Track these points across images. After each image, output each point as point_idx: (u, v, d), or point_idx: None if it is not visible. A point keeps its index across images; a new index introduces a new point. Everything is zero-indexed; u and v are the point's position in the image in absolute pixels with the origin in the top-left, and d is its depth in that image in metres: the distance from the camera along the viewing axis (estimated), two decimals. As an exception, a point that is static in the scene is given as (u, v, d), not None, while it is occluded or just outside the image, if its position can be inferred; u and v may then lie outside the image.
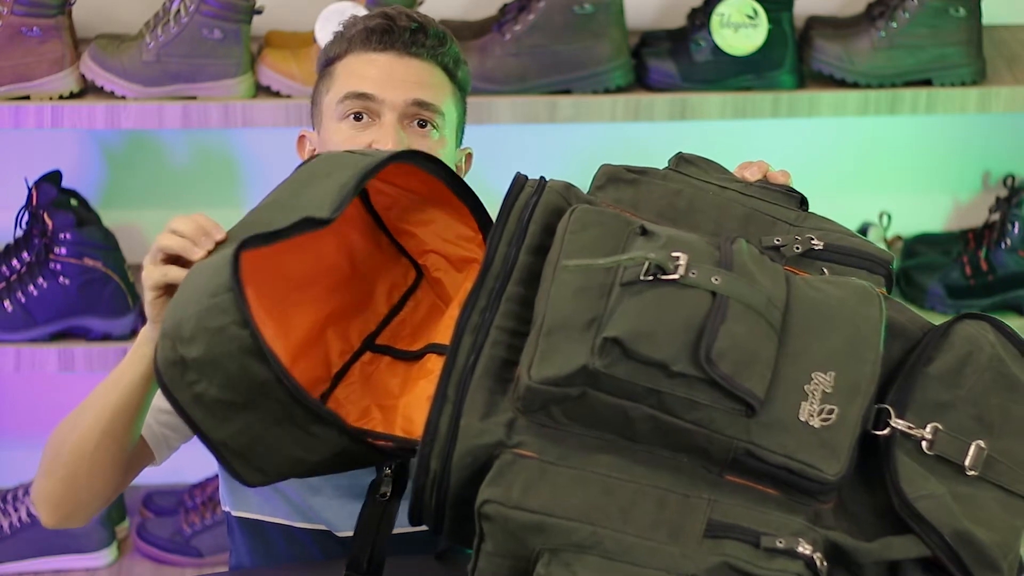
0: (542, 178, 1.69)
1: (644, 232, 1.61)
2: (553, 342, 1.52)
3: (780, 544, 1.50)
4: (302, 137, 2.18)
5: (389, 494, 1.81)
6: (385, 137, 2.03)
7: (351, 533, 1.84)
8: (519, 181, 1.68)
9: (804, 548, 1.50)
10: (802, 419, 1.52)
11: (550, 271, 1.58)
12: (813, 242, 1.70)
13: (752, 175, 1.80)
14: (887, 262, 1.71)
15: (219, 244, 1.72)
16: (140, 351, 1.84)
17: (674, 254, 1.55)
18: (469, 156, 2.19)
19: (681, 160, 1.78)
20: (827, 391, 1.54)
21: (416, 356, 1.90)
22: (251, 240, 1.65)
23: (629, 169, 1.74)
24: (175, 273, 1.73)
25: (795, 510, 1.53)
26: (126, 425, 1.88)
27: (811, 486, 1.53)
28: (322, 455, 1.64)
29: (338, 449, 1.64)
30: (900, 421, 1.58)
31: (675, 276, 1.54)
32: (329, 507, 2.03)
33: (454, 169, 1.91)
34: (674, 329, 1.51)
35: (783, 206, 1.75)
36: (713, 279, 1.54)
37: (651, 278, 1.54)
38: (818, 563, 1.50)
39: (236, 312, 1.58)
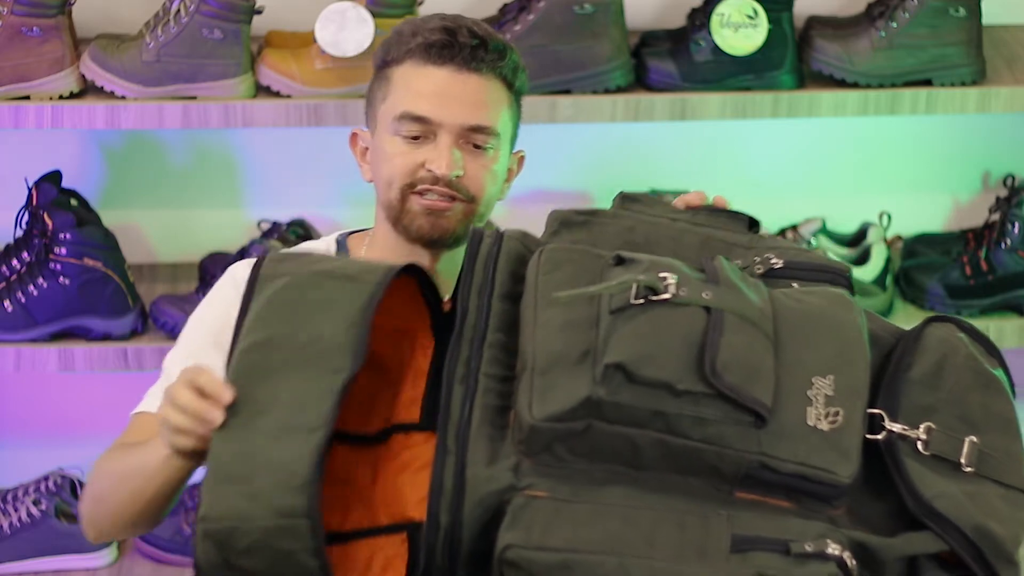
0: (497, 229, 1.69)
1: (621, 261, 1.60)
2: (550, 379, 1.51)
3: (809, 548, 1.49)
4: (355, 135, 2.17)
5: None
6: (439, 158, 2.03)
7: None
8: (476, 235, 1.68)
9: (833, 549, 1.50)
10: (811, 424, 1.53)
11: (530, 313, 1.58)
12: (772, 261, 1.70)
13: (692, 203, 1.80)
14: (845, 272, 1.72)
15: (230, 406, 1.62)
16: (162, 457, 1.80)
17: (661, 275, 1.54)
18: (521, 159, 2.18)
19: (625, 199, 1.78)
20: (829, 394, 1.54)
21: (376, 439, 1.79)
22: (328, 445, 1.56)
23: (579, 212, 1.74)
24: (196, 442, 1.68)
25: (811, 518, 1.53)
26: (168, 496, 1.88)
27: (825, 491, 1.52)
28: None
29: None
30: (895, 424, 1.59)
31: (666, 296, 1.53)
32: None
33: (505, 174, 1.97)
34: (674, 348, 1.51)
35: (734, 230, 1.75)
36: (704, 294, 1.54)
37: (642, 301, 1.53)
38: (848, 562, 1.50)
39: (311, 541, 1.53)
